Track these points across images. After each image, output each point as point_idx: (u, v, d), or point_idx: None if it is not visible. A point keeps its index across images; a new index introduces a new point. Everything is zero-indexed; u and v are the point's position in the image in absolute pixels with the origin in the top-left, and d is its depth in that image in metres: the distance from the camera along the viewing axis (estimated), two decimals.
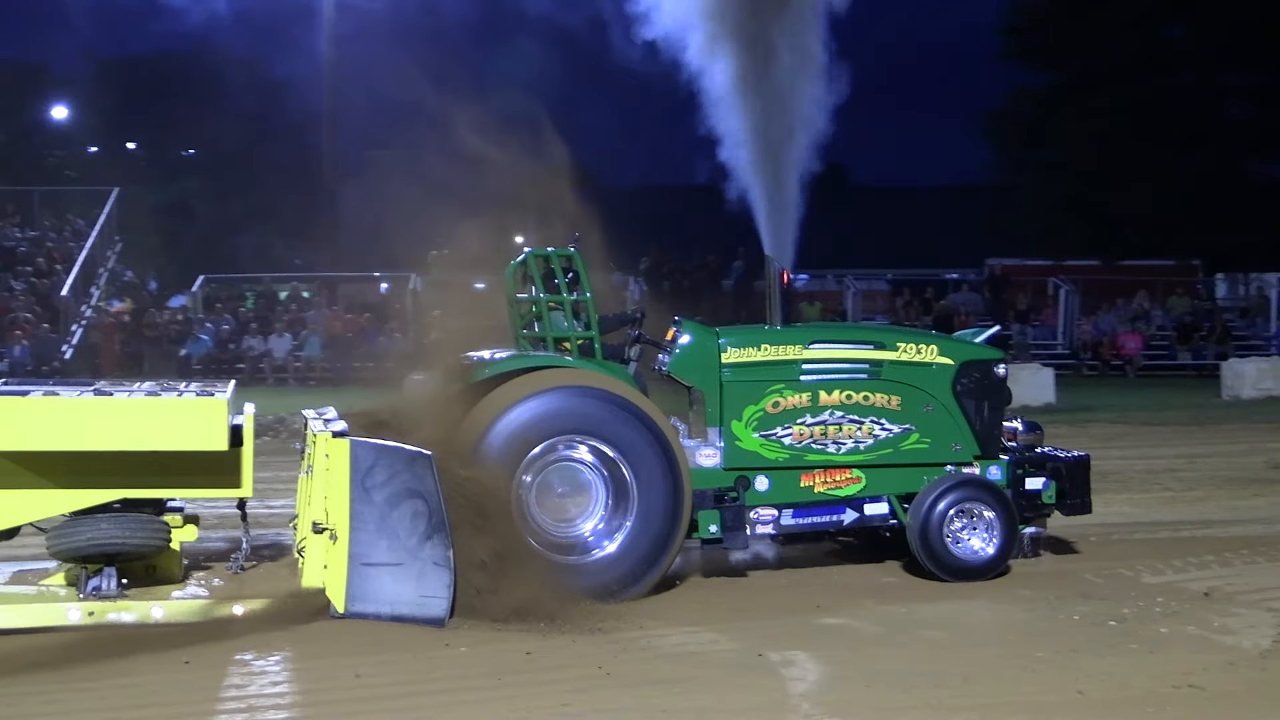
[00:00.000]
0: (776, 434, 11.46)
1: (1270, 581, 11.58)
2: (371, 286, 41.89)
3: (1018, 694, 8.44)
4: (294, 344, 36.96)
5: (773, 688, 8.57)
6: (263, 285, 41.85)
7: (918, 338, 12.15)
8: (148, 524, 9.93)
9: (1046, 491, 12.00)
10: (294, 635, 9.53)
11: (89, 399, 9.84)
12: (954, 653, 9.35)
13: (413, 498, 9.91)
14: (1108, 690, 8.50)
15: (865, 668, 9.03)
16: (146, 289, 42.15)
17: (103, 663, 9.00)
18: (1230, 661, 9.10)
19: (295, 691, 8.60)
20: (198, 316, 38.08)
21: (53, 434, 9.54)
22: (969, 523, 11.50)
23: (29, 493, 9.86)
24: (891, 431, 11.65)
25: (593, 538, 10.90)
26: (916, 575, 11.72)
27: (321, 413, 11.22)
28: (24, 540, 10.73)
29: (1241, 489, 17.57)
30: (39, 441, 9.56)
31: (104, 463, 9.80)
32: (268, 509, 13.46)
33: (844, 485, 11.60)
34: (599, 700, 8.29)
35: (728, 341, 11.55)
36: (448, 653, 9.26)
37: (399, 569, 9.85)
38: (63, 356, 34.56)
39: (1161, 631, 9.94)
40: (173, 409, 9.76)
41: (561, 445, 10.87)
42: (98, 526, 9.75)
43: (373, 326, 37.72)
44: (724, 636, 9.86)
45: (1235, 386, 32.53)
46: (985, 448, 11.88)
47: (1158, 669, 8.91)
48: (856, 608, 10.73)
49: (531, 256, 11.50)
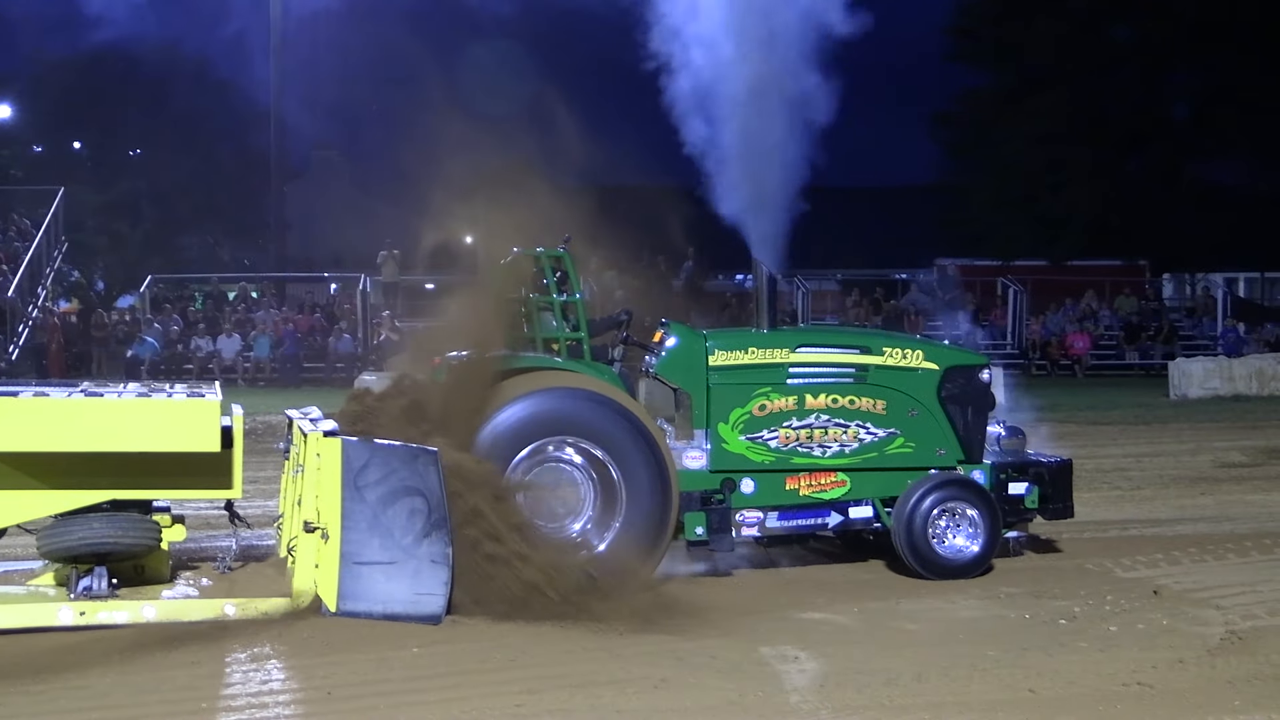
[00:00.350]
0: (763, 437, 11.51)
1: (1218, 580, 11.72)
2: (321, 287, 41.72)
3: (968, 693, 8.52)
4: (242, 345, 36.73)
5: (727, 688, 8.56)
6: (211, 285, 41.58)
7: (904, 343, 12.22)
8: (140, 523, 9.89)
9: (1029, 496, 12.13)
10: (279, 635, 9.50)
11: (80, 400, 9.77)
12: (907, 651, 9.40)
13: (410, 495, 9.88)
14: (1058, 688, 8.58)
15: (819, 666, 9.13)
16: (93, 289, 41.80)
17: (95, 662, 8.97)
18: (1179, 659, 9.19)
19: (260, 692, 8.54)
20: (146, 317, 37.78)
21: (43, 435, 9.48)
22: (953, 521, 11.60)
23: (17, 494, 9.79)
24: (877, 435, 11.72)
25: (580, 538, 10.90)
26: (896, 573, 11.83)
27: (306, 412, 11.20)
28: (10, 541, 10.67)
29: (1189, 488, 17.77)
30: (29, 442, 9.49)
31: (92, 464, 9.76)
32: (243, 509, 13.33)
33: (829, 489, 11.66)
34: (552, 701, 8.31)
35: (715, 344, 11.59)
36: (401, 654, 9.24)
37: (392, 567, 9.84)
38: (9, 357, 34.19)
39: (1111, 630, 10.04)
40: (165, 410, 9.71)
41: (550, 446, 10.89)
42: (89, 526, 9.70)
43: (321, 328, 37.57)
44: (682, 637, 9.82)
45: (1182, 386, 32.80)
46: (969, 452, 11.99)
47: (1107, 667, 9.01)
48: (826, 607, 10.78)
49: (521, 257, 11.48)
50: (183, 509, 10.96)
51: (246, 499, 13.66)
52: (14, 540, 11.10)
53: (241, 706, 8.18)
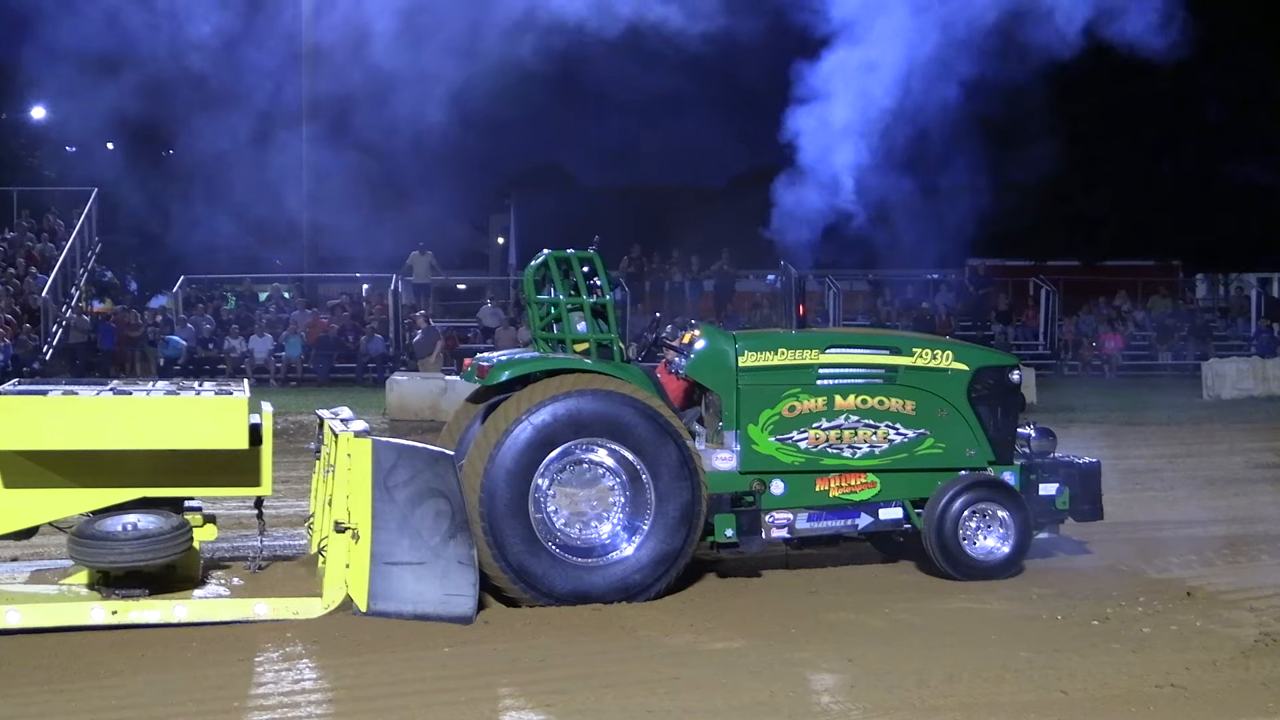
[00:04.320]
0: (793, 438, 11.49)
1: (1252, 581, 11.71)
2: (353, 287, 41.79)
3: (1000, 694, 8.52)
4: (275, 345, 36.84)
5: (757, 688, 8.60)
6: (243, 286, 41.68)
7: (933, 343, 12.18)
8: (170, 540, 9.86)
9: (1060, 497, 12.11)
10: (310, 634, 9.57)
11: (108, 398, 9.83)
12: (938, 652, 9.41)
13: (435, 497, 9.96)
14: (1090, 690, 8.59)
15: (850, 667, 9.13)
16: (126, 289, 41.90)
17: (127, 661, 9.05)
18: (1212, 661, 9.19)
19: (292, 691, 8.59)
20: (178, 317, 37.90)
21: (71, 433, 9.54)
22: (983, 522, 11.58)
23: (48, 492, 9.89)
24: (906, 436, 11.70)
25: (610, 540, 10.92)
26: (926, 574, 11.83)
27: (337, 413, 11.26)
28: (42, 539, 10.73)
29: (1222, 489, 17.68)
30: (58, 441, 9.55)
31: (123, 463, 9.82)
32: (272, 510, 13.42)
33: (859, 490, 11.64)
34: (582, 701, 8.35)
35: (745, 345, 11.57)
36: (432, 654, 9.29)
37: (422, 568, 9.92)
38: (43, 358, 34.34)
39: (1144, 631, 10.03)
40: (193, 408, 9.77)
41: (579, 448, 10.89)
42: (120, 551, 9.72)
43: (353, 327, 37.65)
44: (712, 637, 9.88)
45: (1216, 387, 32.66)
46: (999, 453, 11.95)
47: (1140, 669, 9.01)
48: (857, 608, 10.79)
49: (551, 258, 11.50)
50: (215, 508, 11.06)
51: (278, 498, 13.84)
52: (46, 539, 11.18)
53: (273, 706, 8.23)
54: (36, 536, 10.63)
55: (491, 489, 10.53)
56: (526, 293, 11.81)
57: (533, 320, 11.81)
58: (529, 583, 10.54)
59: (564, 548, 10.77)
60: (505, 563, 10.50)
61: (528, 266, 11.74)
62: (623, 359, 11.47)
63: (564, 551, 10.75)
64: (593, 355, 11.31)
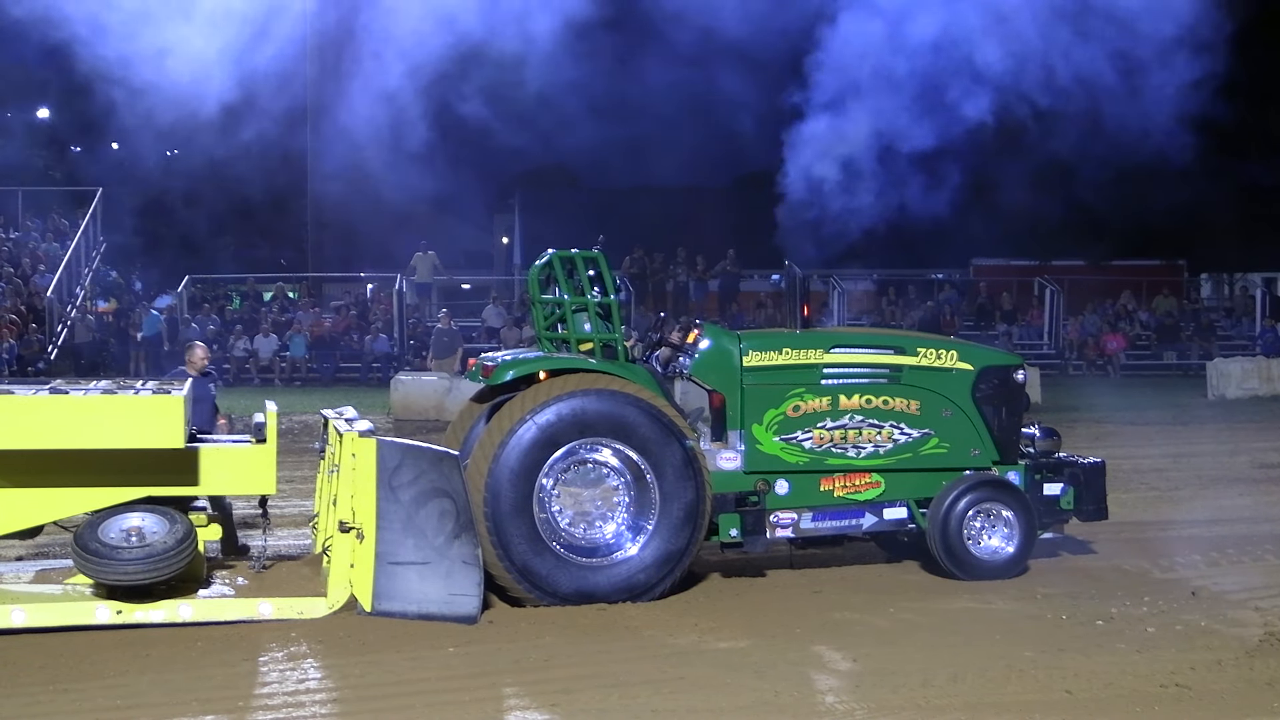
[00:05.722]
0: (797, 438, 11.49)
1: (1256, 581, 11.71)
2: (357, 286, 41.79)
3: (1005, 693, 8.54)
4: (279, 344, 36.83)
5: (762, 687, 8.62)
6: (247, 286, 41.67)
7: (937, 343, 12.18)
8: (174, 555, 9.77)
9: (1065, 497, 12.10)
10: (314, 634, 9.58)
11: (42, 398, 9.68)
12: (943, 652, 9.43)
13: (440, 497, 9.96)
14: (1095, 689, 8.61)
15: (854, 667, 9.15)
16: (131, 289, 41.85)
17: (132, 660, 9.06)
18: (1217, 661, 9.20)
19: (297, 691, 8.60)
20: (184, 316, 37.87)
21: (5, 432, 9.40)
22: (988, 522, 11.57)
23: (50, 491, 9.84)
24: (911, 436, 11.70)
25: (614, 540, 10.92)
26: (931, 574, 11.83)
27: (341, 412, 11.26)
28: (47, 539, 10.73)
29: (1227, 489, 17.67)
30: None
31: (126, 462, 9.79)
32: (277, 510, 13.43)
33: (863, 489, 11.64)
34: (587, 701, 8.36)
35: (749, 345, 11.56)
36: (437, 653, 9.30)
37: (426, 568, 9.92)
38: (47, 357, 34.32)
39: (1148, 631, 10.04)
40: (128, 407, 9.65)
41: (584, 447, 10.89)
42: (124, 569, 9.65)
43: (358, 327, 37.63)
44: (716, 637, 9.89)
45: (1220, 386, 32.57)
46: (1004, 453, 11.96)
47: (1145, 668, 9.03)
48: (861, 607, 10.79)
49: (556, 258, 11.50)
50: None
51: (282, 498, 13.81)
52: (51, 538, 11.18)
53: (278, 705, 8.25)
54: (39, 536, 10.63)
55: (496, 488, 10.54)
56: (531, 292, 11.81)
57: (537, 320, 11.81)
58: (533, 582, 10.55)
59: (568, 547, 10.78)
60: (510, 562, 10.50)
61: (532, 266, 11.74)
62: (627, 358, 11.46)
63: (568, 551, 10.76)
64: (597, 355, 11.30)
